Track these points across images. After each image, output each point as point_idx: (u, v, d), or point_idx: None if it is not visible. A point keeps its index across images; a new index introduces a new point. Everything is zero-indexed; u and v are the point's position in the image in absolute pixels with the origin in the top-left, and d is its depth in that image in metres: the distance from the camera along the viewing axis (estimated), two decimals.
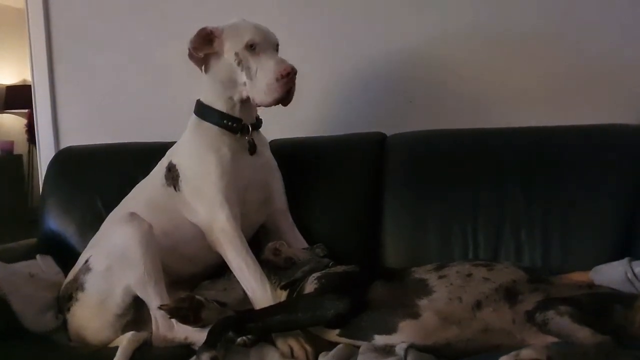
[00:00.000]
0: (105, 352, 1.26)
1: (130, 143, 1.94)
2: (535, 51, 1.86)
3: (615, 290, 1.16)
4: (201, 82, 1.54)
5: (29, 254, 1.62)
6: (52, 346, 1.37)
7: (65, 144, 2.20)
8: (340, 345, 1.18)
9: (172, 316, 1.24)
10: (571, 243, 1.49)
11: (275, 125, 1.69)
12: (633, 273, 1.22)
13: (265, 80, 1.39)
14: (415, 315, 1.13)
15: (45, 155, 2.27)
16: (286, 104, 1.44)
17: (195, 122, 1.53)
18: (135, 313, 1.37)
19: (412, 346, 1.09)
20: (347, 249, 1.61)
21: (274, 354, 1.20)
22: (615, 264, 1.28)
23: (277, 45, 1.49)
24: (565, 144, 1.60)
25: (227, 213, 1.43)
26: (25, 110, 5.28)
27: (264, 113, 1.59)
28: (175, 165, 1.52)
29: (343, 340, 1.19)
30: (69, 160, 1.92)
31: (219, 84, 1.48)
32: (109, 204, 1.67)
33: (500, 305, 1.10)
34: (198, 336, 1.25)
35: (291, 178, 1.65)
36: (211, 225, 1.44)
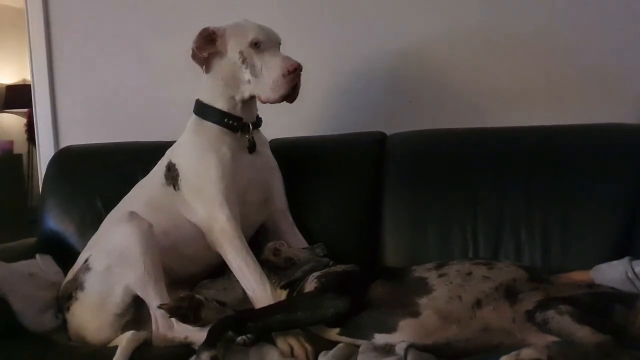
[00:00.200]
0: (105, 352, 1.26)
1: (130, 142, 1.94)
2: (535, 51, 1.86)
3: (615, 290, 1.16)
4: (201, 82, 1.54)
5: (28, 254, 1.62)
6: (52, 346, 1.36)
7: (65, 143, 2.20)
8: (340, 344, 1.18)
9: (172, 315, 1.25)
10: (571, 243, 1.49)
11: (275, 125, 1.69)
12: (633, 272, 1.22)
13: (271, 76, 1.40)
14: (415, 314, 1.13)
15: (44, 154, 2.27)
16: (291, 100, 1.45)
17: (195, 122, 1.53)
18: (135, 312, 1.36)
19: (412, 345, 1.09)
20: (347, 248, 1.61)
21: (273, 353, 1.20)
22: (616, 263, 1.27)
23: (280, 44, 1.49)
24: (565, 144, 1.60)
25: (227, 213, 1.43)
26: (25, 109, 5.28)
27: (264, 113, 1.59)
28: (174, 165, 1.52)
29: (343, 339, 1.19)
30: (69, 160, 1.92)
31: (221, 82, 1.48)
32: (108, 204, 1.67)
33: (500, 304, 1.10)
34: (198, 335, 1.24)
35: (291, 178, 1.65)
36: (211, 225, 1.44)
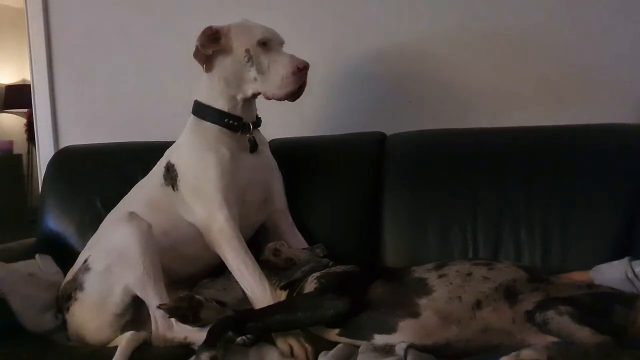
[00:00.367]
0: (104, 352, 1.26)
1: (130, 142, 1.94)
2: (536, 51, 1.86)
3: (615, 290, 1.16)
4: (199, 82, 1.53)
5: (28, 254, 1.62)
6: (52, 346, 1.36)
7: (65, 143, 2.20)
8: (340, 344, 1.18)
9: (172, 316, 1.24)
10: (571, 243, 1.48)
11: (275, 125, 1.69)
12: (633, 272, 1.22)
13: (280, 73, 1.42)
14: (415, 314, 1.13)
15: (44, 154, 2.27)
16: (295, 99, 1.46)
17: (194, 122, 1.53)
18: (134, 313, 1.36)
19: (412, 346, 1.09)
20: (347, 249, 1.61)
21: (273, 353, 1.20)
22: (616, 263, 1.27)
23: (283, 43, 1.51)
24: (565, 144, 1.59)
25: (226, 213, 1.43)
26: (25, 109, 5.29)
27: (264, 113, 1.59)
28: (173, 165, 1.51)
29: (343, 339, 1.19)
30: (69, 160, 1.92)
31: (223, 82, 1.48)
32: (108, 204, 1.66)
33: (500, 305, 1.10)
34: (197, 336, 1.24)
35: (291, 178, 1.65)
36: (209, 225, 1.44)
